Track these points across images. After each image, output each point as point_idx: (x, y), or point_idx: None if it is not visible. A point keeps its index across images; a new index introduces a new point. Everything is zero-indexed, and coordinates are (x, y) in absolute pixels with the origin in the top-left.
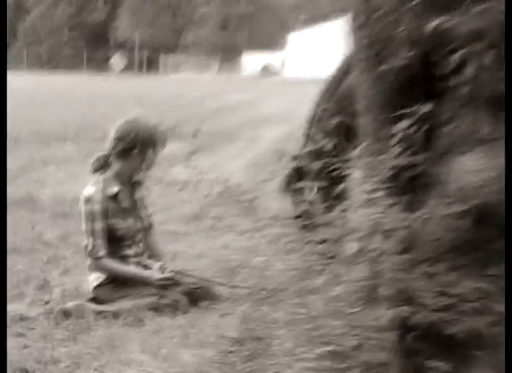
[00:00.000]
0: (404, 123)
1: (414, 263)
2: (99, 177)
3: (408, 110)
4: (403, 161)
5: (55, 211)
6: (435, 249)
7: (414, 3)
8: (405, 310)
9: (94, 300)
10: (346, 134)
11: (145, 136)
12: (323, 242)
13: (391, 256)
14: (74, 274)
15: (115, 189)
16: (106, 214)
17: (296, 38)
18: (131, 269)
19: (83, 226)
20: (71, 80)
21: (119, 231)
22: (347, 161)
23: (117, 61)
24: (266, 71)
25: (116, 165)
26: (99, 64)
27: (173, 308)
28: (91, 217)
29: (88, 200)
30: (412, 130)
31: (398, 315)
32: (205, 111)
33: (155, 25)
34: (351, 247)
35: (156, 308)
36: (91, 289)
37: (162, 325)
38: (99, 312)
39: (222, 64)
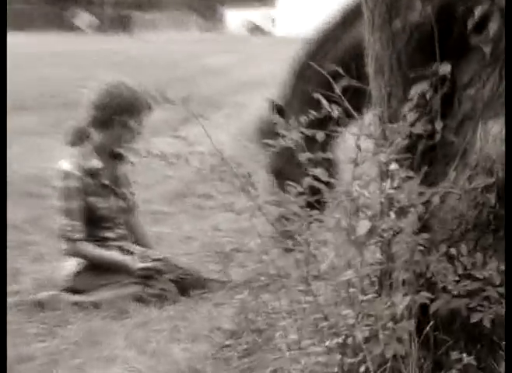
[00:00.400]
0: (420, 87)
1: (433, 243)
2: (76, 150)
3: (424, 72)
4: (419, 129)
5: (22, 190)
6: (457, 227)
7: None
8: (423, 296)
9: (71, 289)
10: (353, 100)
11: (127, 102)
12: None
13: (407, 236)
14: (47, 261)
15: (95, 163)
16: (84, 192)
17: None
18: (111, 254)
19: (58, 204)
20: (32, 40)
21: (99, 211)
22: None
23: (85, 19)
24: (253, 29)
25: (95, 137)
26: (66, 23)
27: (161, 297)
28: (67, 194)
29: (64, 176)
30: (429, 94)
31: (417, 302)
32: (186, 74)
33: None
34: (362, 226)
35: (142, 299)
36: (67, 277)
37: (148, 317)
38: (77, 303)
39: (202, 22)
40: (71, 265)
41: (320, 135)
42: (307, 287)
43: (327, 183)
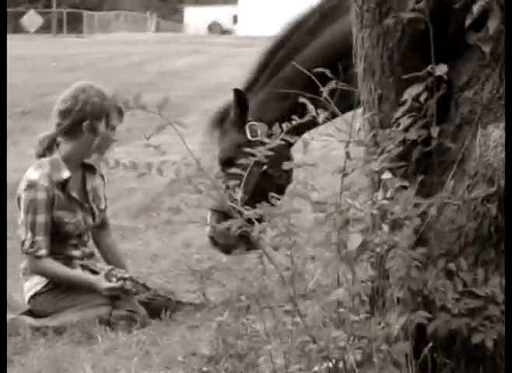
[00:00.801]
0: (415, 89)
1: (430, 258)
2: (44, 159)
3: (419, 73)
4: (414, 134)
5: None
6: (456, 240)
7: None
8: (420, 315)
9: (31, 313)
10: (339, 102)
11: (95, 106)
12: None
13: (402, 251)
14: None
15: (65, 174)
16: (51, 205)
17: None
18: (77, 273)
19: (21, 217)
20: None
21: (66, 227)
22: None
23: (31, 19)
24: (214, 28)
25: (64, 146)
26: (11, 23)
27: (129, 320)
28: (33, 206)
29: (30, 186)
30: (423, 96)
31: (413, 322)
32: (146, 78)
33: None
34: (353, 240)
35: (109, 322)
36: (27, 299)
37: (116, 342)
38: (39, 328)
39: (160, 21)
40: (33, 285)
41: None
42: (294, 307)
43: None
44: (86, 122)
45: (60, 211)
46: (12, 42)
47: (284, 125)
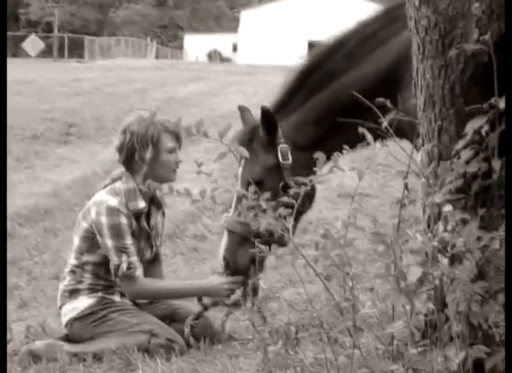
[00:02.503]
0: (476, 122)
1: (492, 292)
2: (119, 186)
3: (481, 105)
4: (475, 167)
5: None
6: None
7: None
8: (480, 350)
9: (68, 338)
10: (399, 134)
11: (140, 135)
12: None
13: (462, 284)
14: (33, 307)
15: (141, 204)
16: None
17: (250, 17)
18: (182, 283)
19: (107, 243)
20: None
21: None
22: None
23: (33, 43)
24: (214, 56)
25: (130, 179)
26: (10, 48)
27: (168, 348)
28: (120, 230)
29: (112, 212)
30: (485, 129)
31: (472, 357)
32: (152, 104)
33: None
34: (412, 272)
35: (147, 349)
36: (64, 323)
37: (156, 370)
38: (76, 354)
39: (160, 48)
40: (70, 310)
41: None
42: (351, 338)
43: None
44: (136, 153)
45: (134, 240)
46: (14, 66)
47: (335, 154)
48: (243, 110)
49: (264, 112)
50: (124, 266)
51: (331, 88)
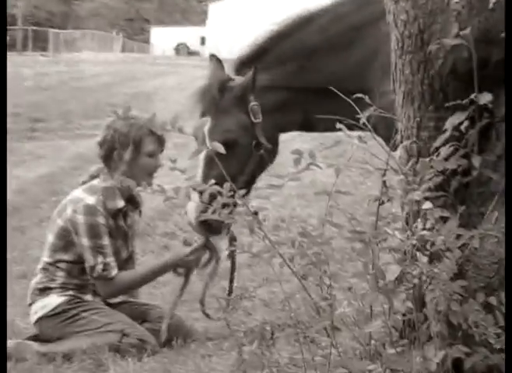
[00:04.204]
0: (457, 118)
1: (471, 291)
2: (95, 184)
3: (461, 101)
4: (454, 164)
5: None
6: (497, 273)
7: None
8: (459, 350)
9: (37, 338)
10: (377, 130)
11: (122, 134)
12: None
13: (442, 283)
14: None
15: (120, 203)
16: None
17: (219, 9)
18: (151, 265)
19: (84, 243)
20: None
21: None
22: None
23: None
24: (182, 50)
25: (107, 176)
26: None
27: (139, 348)
28: (97, 230)
29: (89, 211)
30: (465, 125)
31: (451, 357)
32: (119, 99)
33: None
34: (391, 271)
35: (118, 349)
36: (33, 321)
37: (127, 370)
38: (46, 354)
39: (126, 41)
40: (40, 308)
41: None
42: (328, 338)
43: None
44: (115, 151)
45: (112, 239)
46: None
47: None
48: (215, 61)
49: (255, 69)
50: (99, 267)
51: (302, 65)
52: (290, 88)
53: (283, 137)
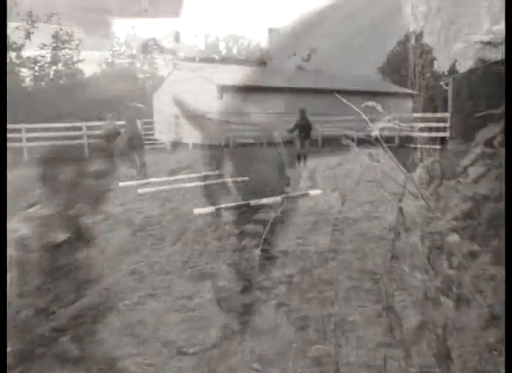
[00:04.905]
0: (489, 131)
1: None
2: (34, 212)
3: (495, 111)
4: (486, 187)
5: None
6: None
7: None
8: None
9: None
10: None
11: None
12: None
13: (471, 333)
14: None
15: (60, 237)
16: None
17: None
18: None
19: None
20: None
21: None
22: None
23: None
24: (152, 47)
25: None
26: None
27: None
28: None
29: (21, 244)
30: (499, 140)
31: None
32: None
33: None
34: (409, 317)
35: None
36: None
37: None
38: None
39: (87, 38)
40: None
41: None
42: None
43: None
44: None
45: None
46: None
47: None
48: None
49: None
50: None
51: None
52: None
53: None
